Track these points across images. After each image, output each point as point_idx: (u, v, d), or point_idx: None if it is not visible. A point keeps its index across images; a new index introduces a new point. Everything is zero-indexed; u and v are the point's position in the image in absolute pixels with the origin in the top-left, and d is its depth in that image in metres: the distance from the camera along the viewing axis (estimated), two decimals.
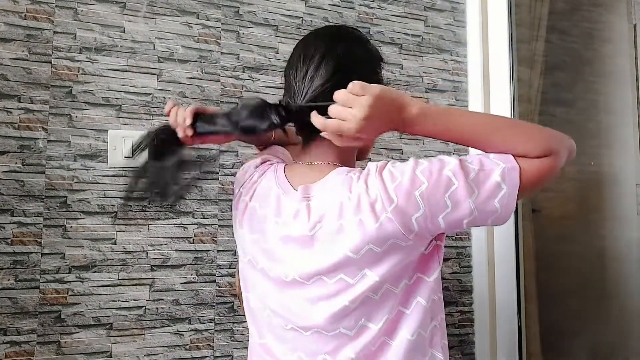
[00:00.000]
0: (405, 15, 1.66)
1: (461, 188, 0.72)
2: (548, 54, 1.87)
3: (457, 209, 0.73)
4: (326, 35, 0.88)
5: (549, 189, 1.92)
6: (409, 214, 0.72)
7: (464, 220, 0.74)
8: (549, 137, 0.78)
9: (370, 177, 0.75)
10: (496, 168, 0.74)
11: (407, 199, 0.72)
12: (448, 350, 0.85)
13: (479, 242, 1.66)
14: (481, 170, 0.74)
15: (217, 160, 1.44)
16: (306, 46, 0.86)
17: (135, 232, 1.36)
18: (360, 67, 0.85)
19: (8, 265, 1.27)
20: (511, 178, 0.73)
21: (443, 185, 0.72)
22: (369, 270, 0.75)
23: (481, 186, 0.73)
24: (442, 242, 0.81)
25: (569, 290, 1.91)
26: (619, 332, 1.93)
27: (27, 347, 1.27)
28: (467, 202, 0.73)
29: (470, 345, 1.65)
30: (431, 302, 0.80)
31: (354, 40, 0.88)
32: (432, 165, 0.74)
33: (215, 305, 1.41)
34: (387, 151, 1.58)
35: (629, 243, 1.91)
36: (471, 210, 0.73)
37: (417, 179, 0.73)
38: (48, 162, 1.31)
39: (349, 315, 0.77)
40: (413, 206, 0.72)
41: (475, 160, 0.75)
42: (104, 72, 1.37)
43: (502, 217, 0.75)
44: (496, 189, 0.73)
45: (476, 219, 0.74)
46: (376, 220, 0.73)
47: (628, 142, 1.92)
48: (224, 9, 1.48)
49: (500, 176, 0.73)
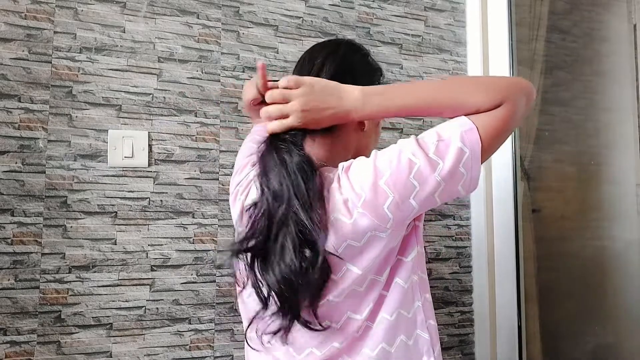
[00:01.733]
0: (405, 15, 1.66)
1: (424, 165, 0.73)
2: (548, 53, 1.87)
3: (424, 186, 0.73)
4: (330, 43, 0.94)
5: (548, 189, 1.91)
6: (380, 205, 0.73)
7: (434, 194, 0.74)
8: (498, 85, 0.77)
9: (341, 177, 0.77)
10: (454, 134, 0.74)
11: (374, 190, 0.73)
12: (437, 330, 0.84)
13: (479, 242, 1.66)
14: (440, 141, 0.74)
15: (217, 160, 1.44)
16: (312, 52, 0.92)
17: (135, 232, 1.36)
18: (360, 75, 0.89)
19: (8, 265, 1.27)
20: (471, 139, 0.73)
21: (405, 169, 0.73)
22: (351, 265, 0.76)
23: (444, 157, 0.73)
24: (419, 222, 0.82)
25: (569, 290, 1.91)
26: (619, 332, 1.93)
27: (27, 347, 1.27)
28: (433, 176, 0.73)
29: (470, 345, 1.65)
30: (410, 282, 0.80)
31: (354, 49, 0.94)
32: (391, 152, 0.76)
33: (215, 305, 1.41)
34: None
35: (629, 243, 1.91)
36: (438, 183, 0.73)
37: (378, 170, 0.74)
38: (48, 162, 1.31)
39: (334, 309, 0.78)
40: (382, 196, 0.73)
41: (432, 133, 0.75)
42: (104, 72, 1.37)
43: (469, 181, 0.75)
44: (459, 154, 0.73)
45: (445, 189, 0.74)
46: (350, 217, 0.74)
47: (628, 142, 1.92)
48: (224, 9, 1.48)
49: (460, 141, 0.73)
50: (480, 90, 0.76)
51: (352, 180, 0.75)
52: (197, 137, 1.43)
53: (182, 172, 1.41)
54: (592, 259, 1.94)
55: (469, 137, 0.73)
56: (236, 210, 0.90)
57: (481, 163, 0.75)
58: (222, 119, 1.45)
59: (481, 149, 0.74)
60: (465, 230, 1.68)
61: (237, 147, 1.45)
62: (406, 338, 0.80)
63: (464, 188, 0.76)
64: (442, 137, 0.74)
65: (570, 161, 1.97)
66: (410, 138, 0.76)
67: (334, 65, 0.87)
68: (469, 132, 0.74)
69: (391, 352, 0.79)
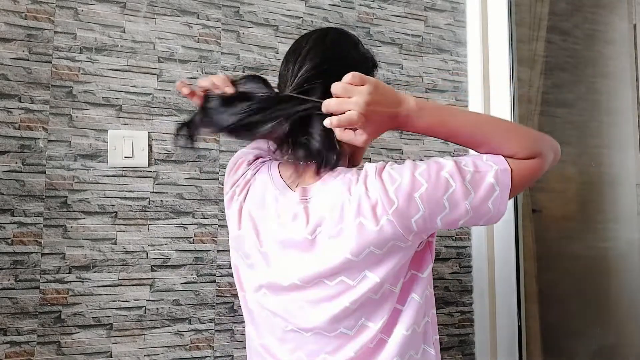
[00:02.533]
0: (405, 15, 1.66)
1: (459, 190, 0.73)
2: (548, 54, 1.87)
3: (454, 210, 0.74)
4: (316, 32, 0.90)
5: (548, 189, 1.91)
6: (409, 216, 0.73)
7: (459, 220, 0.75)
8: (536, 139, 0.81)
9: (370, 179, 0.75)
10: (490, 170, 0.75)
11: (407, 201, 0.72)
12: (439, 346, 0.86)
13: (479, 242, 1.66)
14: (476, 172, 0.75)
15: (217, 160, 1.44)
16: (297, 42, 0.89)
17: (135, 232, 1.36)
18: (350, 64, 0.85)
19: (8, 265, 1.27)
20: (503, 179, 0.75)
21: (442, 187, 0.73)
22: (369, 272, 0.75)
23: (477, 188, 0.74)
24: (433, 238, 0.82)
25: (569, 290, 1.91)
26: (620, 332, 1.93)
27: (27, 347, 1.27)
28: (464, 204, 0.74)
29: (470, 345, 1.65)
30: (424, 298, 0.81)
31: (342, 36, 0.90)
32: (430, 167, 0.75)
33: (215, 305, 1.41)
34: (387, 151, 1.58)
35: (629, 243, 1.91)
36: (467, 211, 0.74)
37: (416, 181, 0.73)
38: (48, 162, 1.31)
39: (349, 315, 0.77)
40: (413, 208, 0.73)
41: (470, 162, 0.76)
42: (104, 72, 1.37)
43: (494, 217, 0.77)
44: (490, 190, 0.75)
45: (470, 219, 0.76)
46: (377, 223, 0.73)
47: (628, 142, 1.92)
48: (224, 9, 1.48)
49: (494, 178, 0.75)
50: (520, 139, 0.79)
51: (387, 185, 0.74)
52: (197, 137, 1.43)
53: (182, 172, 1.41)
54: (592, 259, 1.94)
55: (503, 177, 0.76)
56: (233, 212, 0.88)
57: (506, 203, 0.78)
58: None
59: (509, 191, 0.76)
60: (465, 230, 1.68)
61: (237, 147, 1.44)
62: (414, 352, 0.81)
63: (486, 222, 0.78)
64: (478, 169, 0.76)
65: (571, 161, 1.97)
66: (449, 159, 0.77)
67: (320, 52, 0.84)
68: (504, 172, 0.76)
69: None
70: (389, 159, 1.59)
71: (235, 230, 0.88)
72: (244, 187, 0.88)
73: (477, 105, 1.67)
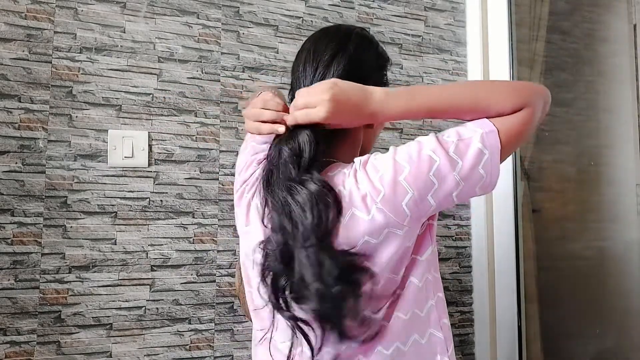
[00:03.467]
0: (405, 15, 1.66)
1: (443, 163, 0.72)
2: (548, 54, 1.87)
3: (443, 184, 0.73)
4: (338, 34, 0.88)
5: (549, 189, 1.91)
6: (399, 201, 0.73)
7: (452, 193, 0.74)
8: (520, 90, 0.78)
9: (358, 172, 0.76)
10: (475, 135, 0.74)
11: (393, 186, 0.73)
12: (450, 329, 0.84)
13: (479, 242, 1.66)
14: (460, 140, 0.74)
15: (217, 160, 1.44)
16: (317, 43, 0.86)
17: (135, 232, 1.36)
18: (370, 70, 0.87)
19: (8, 265, 1.27)
20: (491, 141, 0.74)
21: (425, 165, 0.73)
22: (368, 263, 0.75)
23: (463, 156, 0.73)
24: (434, 220, 0.81)
25: (569, 290, 1.90)
26: (619, 332, 1.93)
27: (27, 347, 1.27)
28: (452, 175, 0.73)
29: (470, 345, 1.65)
30: (425, 282, 0.80)
31: (365, 42, 0.89)
32: (410, 148, 0.75)
33: (215, 305, 1.41)
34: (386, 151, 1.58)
35: (629, 243, 1.91)
36: (457, 182, 0.73)
37: (398, 165, 0.74)
38: (48, 162, 1.31)
39: None
40: (401, 192, 0.73)
41: (452, 133, 0.75)
42: (104, 72, 1.37)
43: (488, 182, 0.75)
44: (479, 155, 0.73)
45: (463, 189, 0.74)
46: (368, 213, 0.73)
47: (628, 142, 1.92)
48: (224, 9, 1.48)
49: (481, 142, 0.73)
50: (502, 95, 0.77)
51: (371, 175, 0.74)
52: (197, 137, 1.43)
53: (182, 172, 1.41)
54: (592, 259, 1.94)
55: (490, 139, 0.74)
56: (242, 209, 0.88)
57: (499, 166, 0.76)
58: (222, 119, 1.45)
59: (500, 152, 0.74)
60: (465, 230, 1.68)
61: (237, 147, 1.45)
62: (419, 337, 0.80)
63: (482, 189, 0.76)
64: (462, 137, 0.74)
65: (570, 161, 1.97)
66: (430, 135, 0.76)
67: (344, 62, 0.83)
68: (489, 134, 0.74)
69: (405, 351, 0.78)
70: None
71: (243, 227, 0.88)
72: (253, 184, 0.88)
73: None
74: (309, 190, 0.73)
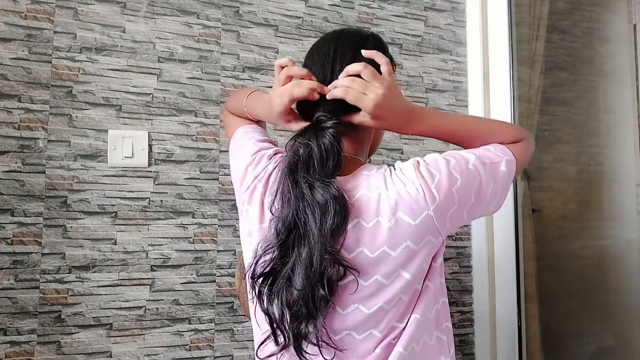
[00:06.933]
0: (405, 15, 1.66)
1: (484, 181, 0.78)
2: (548, 53, 1.87)
3: (478, 200, 0.78)
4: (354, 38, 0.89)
5: (548, 189, 1.91)
6: (447, 210, 0.75)
7: (478, 209, 0.79)
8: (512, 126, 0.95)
9: (408, 175, 0.76)
10: (501, 160, 0.82)
11: (447, 195, 0.75)
12: (452, 333, 0.87)
13: (479, 242, 1.66)
14: (492, 163, 0.80)
15: (217, 160, 1.44)
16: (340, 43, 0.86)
17: (135, 232, 1.36)
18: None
19: (8, 265, 1.27)
20: (511, 168, 0.82)
21: (472, 180, 0.77)
22: (402, 270, 0.76)
23: (495, 178, 0.79)
24: None
25: (569, 290, 1.90)
26: (619, 332, 1.93)
27: (27, 347, 1.27)
28: (485, 194, 0.78)
29: (470, 345, 1.65)
30: (435, 286, 0.82)
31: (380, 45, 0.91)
32: (459, 161, 0.78)
33: (215, 305, 1.41)
34: (387, 151, 1.58)
35: (629, 243, 1.91)
36: (488, 201, 0.79)
37: (452, 176, 0.76)
38: (48, 162, 1.31)
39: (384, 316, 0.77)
40: (450, 203, 0.75)
41: (484, 154, 0.81)
42: (104, 72, 1.37)
43: (501, 202, 0.83)
44: (503, 179, 0.80)
45: (485, 208, 0.80)
46: (416, 218, 0.74)
47: (628, 142, 1.91)
48: (224, 9, 1.48)
49: (506, 167, 0.81)
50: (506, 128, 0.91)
51: (427, 180, 0.75)
52: (197, 137, 1.43)
53: (182, 172, 1.41)
54: (592, 258, 1.94)
55: (510, 165, 0.82)
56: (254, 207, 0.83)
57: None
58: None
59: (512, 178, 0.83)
60: (465, 230, 1.68)
61: None
62: (429, 338, 0.81)
63: (494, 208, 0.84)
64: (493, 160, 0.81)
65: (570, 161, 1.97)
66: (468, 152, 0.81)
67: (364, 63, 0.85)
68: (510, 162, 0.83)
69: (417, 351, 0.79)
70: (389, 159, 1.59)
71: (256, 224, 0.84)
72: (266, 181, 0.85)
73: (477, 105, 1.67)
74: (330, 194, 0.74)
